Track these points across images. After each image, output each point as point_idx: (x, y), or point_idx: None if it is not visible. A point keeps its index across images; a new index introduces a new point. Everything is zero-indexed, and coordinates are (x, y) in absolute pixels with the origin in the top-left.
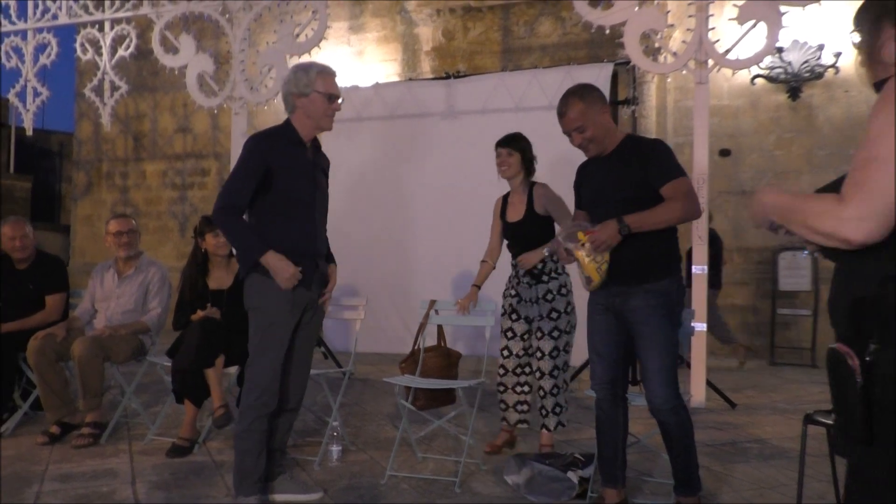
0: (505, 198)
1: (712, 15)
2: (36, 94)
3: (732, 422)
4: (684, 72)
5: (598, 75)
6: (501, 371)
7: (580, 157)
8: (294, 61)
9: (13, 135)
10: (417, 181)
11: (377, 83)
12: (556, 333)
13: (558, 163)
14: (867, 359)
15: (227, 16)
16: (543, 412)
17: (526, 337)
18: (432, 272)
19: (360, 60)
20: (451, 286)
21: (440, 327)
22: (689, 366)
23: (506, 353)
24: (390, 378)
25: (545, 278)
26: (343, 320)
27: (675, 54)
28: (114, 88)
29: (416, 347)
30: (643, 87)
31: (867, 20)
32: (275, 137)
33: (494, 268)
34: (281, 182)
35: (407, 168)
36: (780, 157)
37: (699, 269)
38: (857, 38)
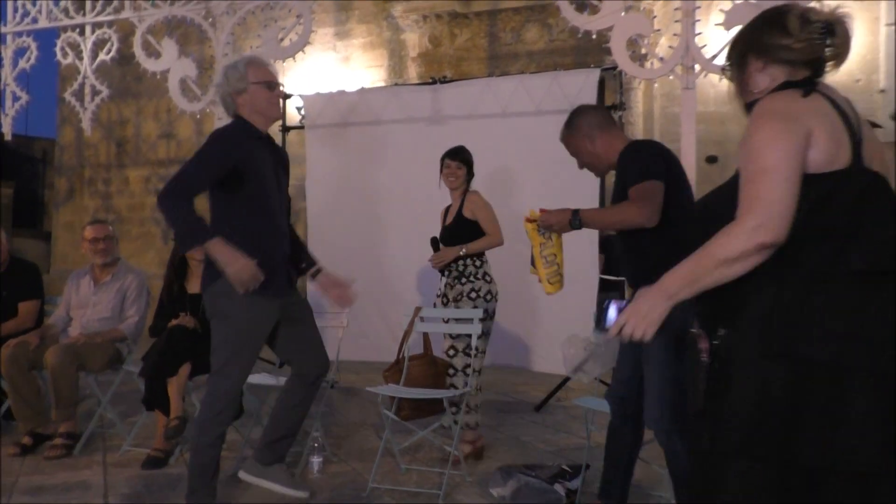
0: (447, 208)
1: (699, 20)
2: (15, 98)
3: None
4: (671, 77)
5: (585, 81)
6: (451, 371)
7: (569, 160)
8: (279, 66)
9: None
10: (403, 186)
11: (363, 88)
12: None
13: (544, 165)
14: (715, 342)
15: (211, 20)
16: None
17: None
18: (418, 279)
19: (346, 66)
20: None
21: (426, 335)
22: None
23: (451, 352)
24: (374, 388)
25: (463, 280)
26: (325, 328)
27: (661, 59)
28: (94, 93)
29: (400, 356)
30: (630, 93)
31: (735, 54)
32: (240, 135)
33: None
34: (250, 183)
35: (392, 173)
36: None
37: None
38: (728, 69)
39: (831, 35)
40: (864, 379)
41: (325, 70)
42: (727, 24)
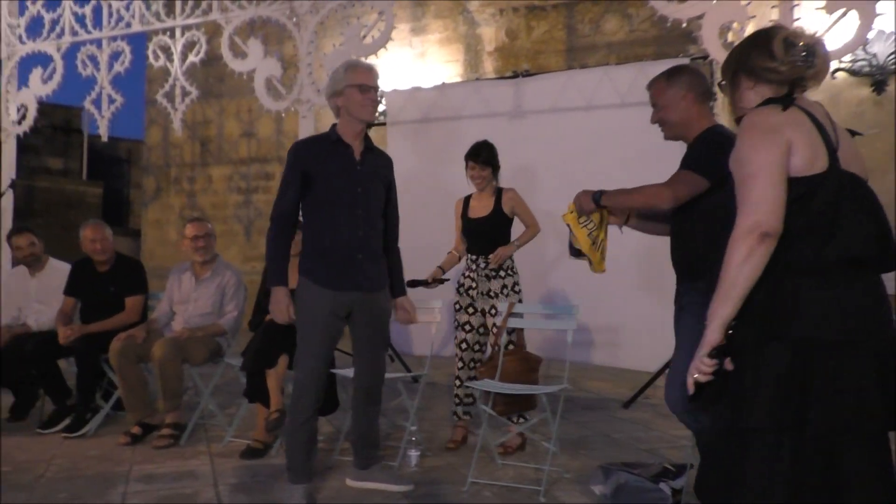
0: (466, 199)
1: (797, 5)
2: (111, 101)
3: None
4: None
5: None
6: (460, 364)
7: (656, 154)
8: None
9: (85, 143)
10: None
11: (443, 83)
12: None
13: (630, 159)
14: (729, 332)
15: (294, 19)
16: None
17: (482, 330)
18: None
19: (422, 62)
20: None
21: (520, 331)
22: None
23: (463, 345)
24: (470, 382)
25: (502, 273)
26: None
27: None
28: (184, 94)
29: (494, 351)
30: (716, 83)
31: (729, 73)
32: (314, 142)
33: (460, 259)
34: (318, 185)
35: None
36: (863, 155)
37: None
38: (723, 87)
39: (812, 56)
40: (860, 353)
41: (402, 66)
42: (829, 8)
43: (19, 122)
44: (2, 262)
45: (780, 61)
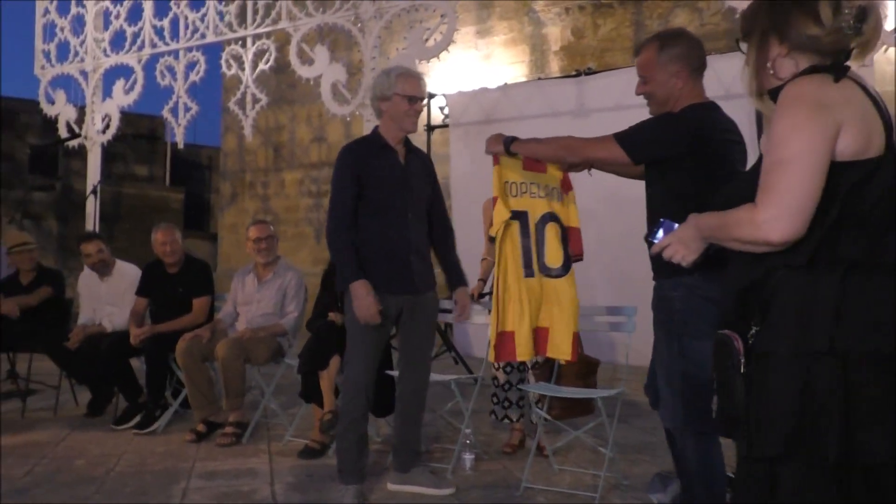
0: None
1: None
2: (186, 109)
3: None
4: None
5: (742, 64)
6: (496, 365)
7: None
8: (423, 66)
9: (168, 150)
10: None
11: (505, 84)
12: None
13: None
14: (749, 341)
15: (359, 25)
16: (507, 404)
17: None
18: None
19: (487, 64)
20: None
21: (576, 333)
22: None
23: None
24: (525, 386)
25: None
26: (473, 325)
27: None
28: (255, 101)
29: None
30: None
31: (755, 31)
32: (361, 146)
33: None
34: (368, 188)
35: None
36: None
37: None
38: (745, 47)
39: (861, 22)
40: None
41: (467, 68)
42: None
43: (103, 132)
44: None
45: (826, 29)
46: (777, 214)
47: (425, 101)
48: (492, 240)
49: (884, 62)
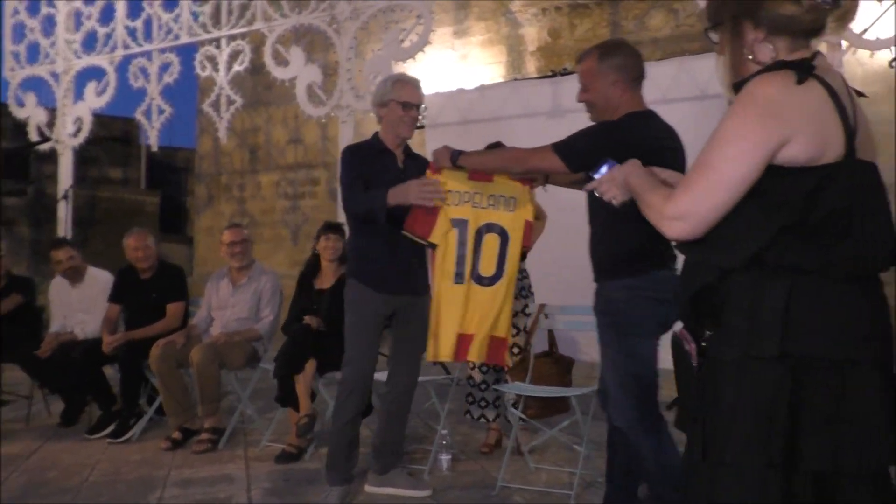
0: None
1: None
2: (160, 111)
3: None
4: None
5: (715, 66)
6: (472, 364)
7: (697, 150)
8: (400, 67)
9: (143, 153)
10: None
11: (482, 85)
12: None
13: None
14: (703, 344)
15: (335, 26)
16: (484, 403)
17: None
18: (541, 276)
19: (464, 64)
20: (560, 290)
21: (551, 333)
22: None
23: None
24: (500, 386)
25: (519, 276)
26: None
27: None
28: (230, 103)
29: (525, 354)
30: None
31: (725, 18)
32: (363, 149)
33: None
34: (369, 190)
35: None
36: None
37: None
38: (714, 37)
39: None
40: (866, 375)
41: (444, 69)
42: None
43: (75, 135)
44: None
45: (803, 7)
46: (682, 214)
47: (423, 107)
48: (433, 246)
49: (854, 63)
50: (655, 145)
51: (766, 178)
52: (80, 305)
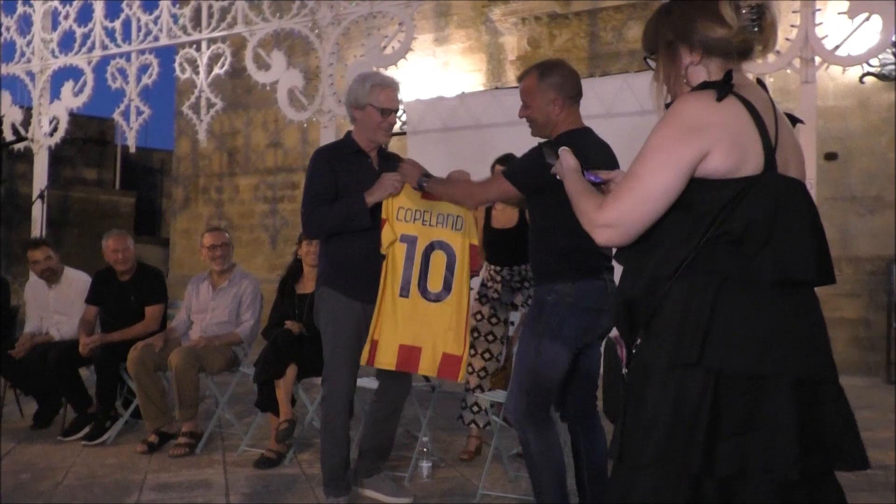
0: (488, 209)
1: (819, 10)
2: (139, 112)
3: None
4: (788, 71)
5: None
6: (483, 374)
7: None
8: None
9: (118, 153)
10: None
11: (463, 93)
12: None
13: None
14: (633, 350)
15: (317, 31)
16: (476, 409)
17: (504, 341)
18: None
19: (445, 71)
20: None
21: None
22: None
23: (486, 355)
24: (483, 394)
25: (526, 284)
26: None
27: (777, 53)
28: (209, 105)
29: (507, 361)
30: None
31: (661, 43)
32: (336, 151)
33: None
34: (341, 194)
35: None
36: (893, 160)
37: None
38: (653, 60)
39: (760, 18)
40: (779, 387)
41: (425, 76)
42: (852, 13)
43: (51, 134)
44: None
45: (732, 29)
46: (611, 222)
47: (400, 113)
48: (382, 257)
49: (826, 78)
50: (589, 161)
51: (693, 189)
52: (56, 306)
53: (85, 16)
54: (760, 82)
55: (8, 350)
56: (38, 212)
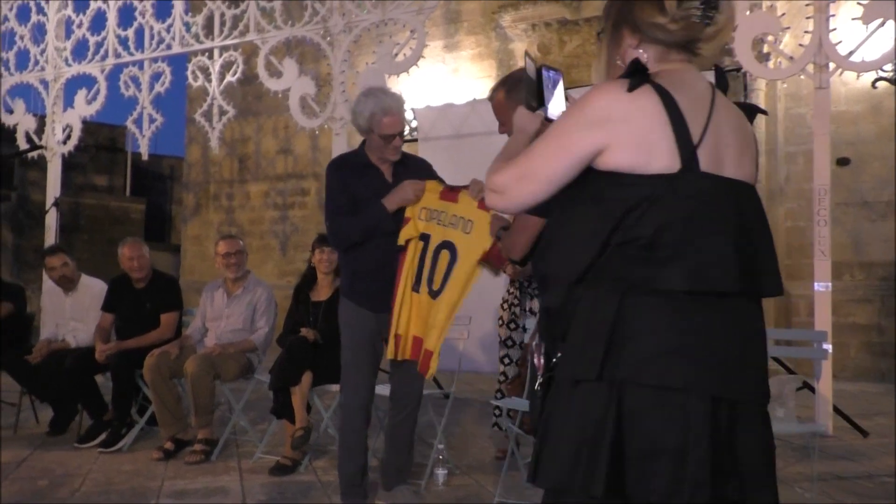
0: None
1: (833, 15)
2: (151, 120)
3: (865, 452)
4: (802, 77)
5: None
6: (502, 378)
7: None
8: (393, 81)
9: (129, 160)
10: None
11: (474, 100)
12: None
13: None
14: (553, 360)
15: (328, 38)
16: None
17: (523, 347)
18: None
19: (455, 78)
20: None
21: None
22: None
23: (506, 360)
24: (498, 401)
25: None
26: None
27: (791, 58)
28: (221, 113)
29: (521, 367)
30: (751, 95)
31: (608, 23)
32: (348, 164)
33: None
34: (356, 206)
35: None
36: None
37: (821, 287)
38: (602, 40)
39: (713, 11)
40: (691, 404)
41: (435, 82)
42: (866, 19)
43: (64, 142)
44: (44, 277)
45: (670, 17)
46: (497, 188)
47: (410, 118)
48: (400, 248)
49: (838, 83)
50: None
51: (603, 182)
52: (72, 313)
53: (98, 24)
54: (720, 73)
55: (24, 356)
56: (51, 219)
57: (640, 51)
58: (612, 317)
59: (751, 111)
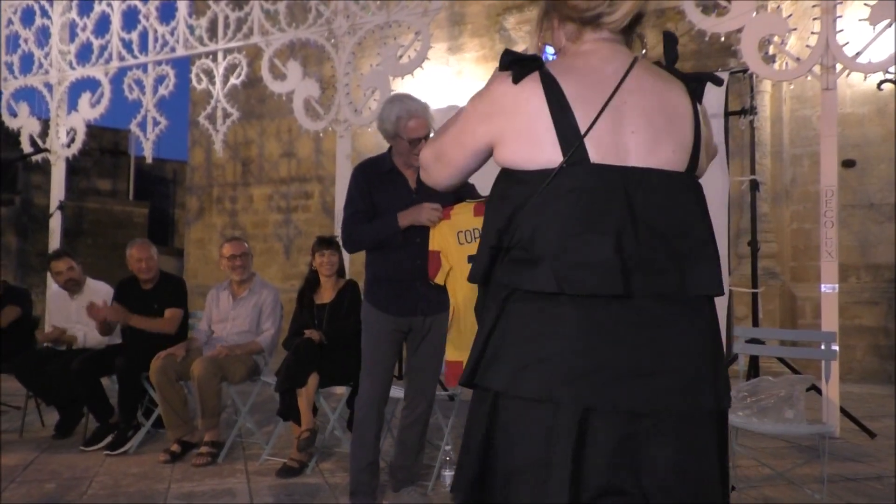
0: None
1: (840, 17)
2: (155, 123)
3: (873, 454)
4: (809, 78)
5: (711, 86)
6: None
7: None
8: (397, 83)
9: (132, 164)
10: None
11: None
12: None
13: None
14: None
15: (333, 41)
16: None
17: None
18: None
19: (459, 80)
20: None
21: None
22: None
23: None
24: None
25: None
26: None
27: (797, 60)
28: (225, 115)
29: None
30: (757, 96)
31: (542, 10)
32: (372, 167)
33: None
34: (379, 211)
35: None
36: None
37: (828, 288)
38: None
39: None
40: (557, 416)
41: (439, 85)
42: (873, 20)
43: (68, 146)
44: (48, 280)
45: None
46: (423, 163)
47: (431, 134)
48: (441, 288)
49: (843, 85)
50: None
51: (507, 180)
52: (78, 317)
53: (102, 27)
54: (668, 39)
55: (30, 361)
56: (55, 223)
57: (561, 31)
58: (491, 322)
59: (698, 81)
